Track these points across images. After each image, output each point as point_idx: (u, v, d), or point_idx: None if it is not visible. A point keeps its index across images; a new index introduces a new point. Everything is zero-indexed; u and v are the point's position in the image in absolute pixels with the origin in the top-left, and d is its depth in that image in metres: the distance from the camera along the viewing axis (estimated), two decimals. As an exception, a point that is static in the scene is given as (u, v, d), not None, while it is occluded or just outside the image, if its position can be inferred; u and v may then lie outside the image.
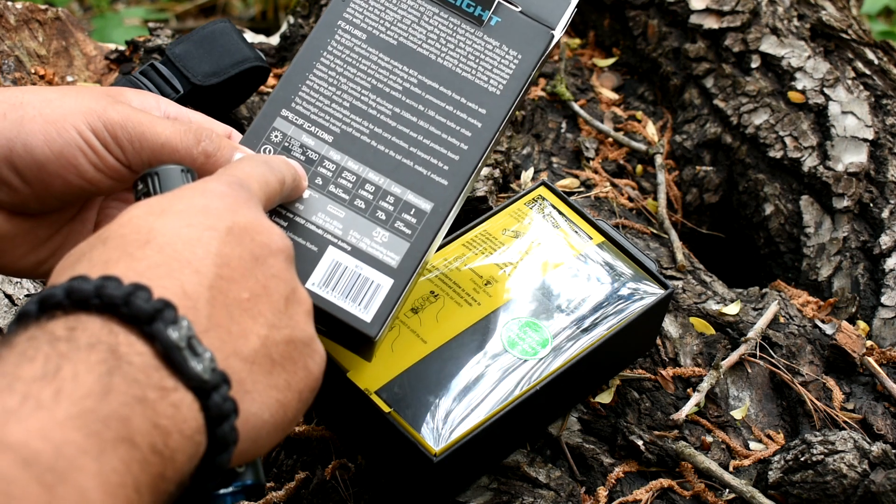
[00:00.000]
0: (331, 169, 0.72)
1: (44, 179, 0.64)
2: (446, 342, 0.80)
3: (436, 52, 0.75)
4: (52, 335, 0.45)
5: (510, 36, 0.76)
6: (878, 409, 0.93)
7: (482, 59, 0.75)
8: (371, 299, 0.69)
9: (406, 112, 0.74)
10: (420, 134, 0.73)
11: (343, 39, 0.75)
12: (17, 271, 0.70)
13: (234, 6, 2.19)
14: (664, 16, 1.24)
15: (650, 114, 1.23)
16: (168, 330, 0.47)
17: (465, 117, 0.74)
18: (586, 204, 1.08)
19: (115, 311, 0.47)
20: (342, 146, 0.72)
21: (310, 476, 0.85)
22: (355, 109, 0.73)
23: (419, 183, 0.72)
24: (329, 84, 0.74)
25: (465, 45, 0.75)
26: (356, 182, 0.72)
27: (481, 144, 0.73)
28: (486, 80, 0.75)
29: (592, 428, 0.89)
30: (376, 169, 0.72)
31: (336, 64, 0.74)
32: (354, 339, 0.70)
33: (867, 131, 1.14)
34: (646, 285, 0.85)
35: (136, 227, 0.52)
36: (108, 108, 0.65)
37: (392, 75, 0.74)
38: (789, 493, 0.84)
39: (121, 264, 0.50)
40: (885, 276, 1.05)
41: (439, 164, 0.73)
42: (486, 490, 0.83)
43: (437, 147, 0.73)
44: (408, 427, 0.75)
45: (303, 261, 0.69)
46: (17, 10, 1.13)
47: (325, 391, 0.82)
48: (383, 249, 0.70)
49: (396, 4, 0.76)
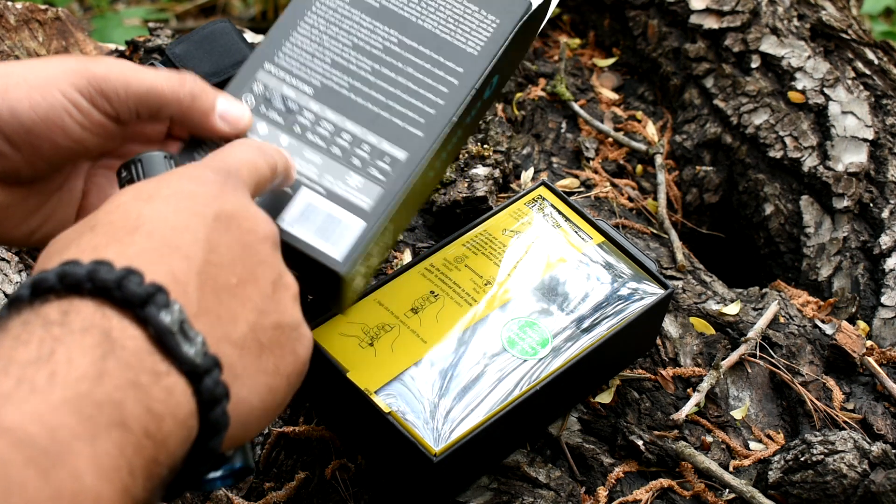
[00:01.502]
0: (310, 119, 0.74)
1: (32, 143, 0.66)
2: (446, 342, 0.80)
3: (416, 15, 0.78)
4: (45, 319, 0.46)
5: (490, 2, 0.79)
6: (878, 409, 0.93)
7: (461, 22, 0.78)
8: (341, 238, 0.71)
9: (385, 68, 0.76)
10: (398, 88, 0.76)
11: (327, 1, 0.78)
12: (9, 241, 0.72)
13: (234, 6, 2.19)
14: (664, 16, 1.24)
15: (650, 114, 1.23)
16: (160, 314, 0.47)
17: (443, 74, 0.76)
18: (586, 204, 1.08)
19: (108, 295, 0.47)
20: (322, 98, 0.75)
21: (310, 476, 0.85)
22: (336, 65, 0.76)
23: (395, 133, 0.74)
24: (311, 40, 0.77)
25: (445, 9, 0.78)
26: (334, 131, 0.74)
27: (456, 100, 0.76)
28: (465, 41, 0.77)
29: (592, 428, 0.89)
30: (354, 119, 0.75)
31: (319, 23, 0.77)
32: (325, 281, 0.71)
33: (867, 131, 1.14)
34: (646, 285, 0.85)
35: (124, 213, 0.53)
36: (89, 65, 0.67)
37: (373, 34, 0.77)
38: (789, 493, 0.84)
39: (111, 249, 0.50)
40: (885, 276, 1.05)
41: (415, 116, 0.75)
42: (486, 490, 0.83)
43: (414, 101, 0.75)
44: (408, 427, 0.75)
45: (277, 201, 0.71)
46: (17, 10, 1.13)
47: (326, 391, 0.82)
48: (356, 193, 0.72)
49: None
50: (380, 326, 0.81)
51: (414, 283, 0.83)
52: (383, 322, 0.81)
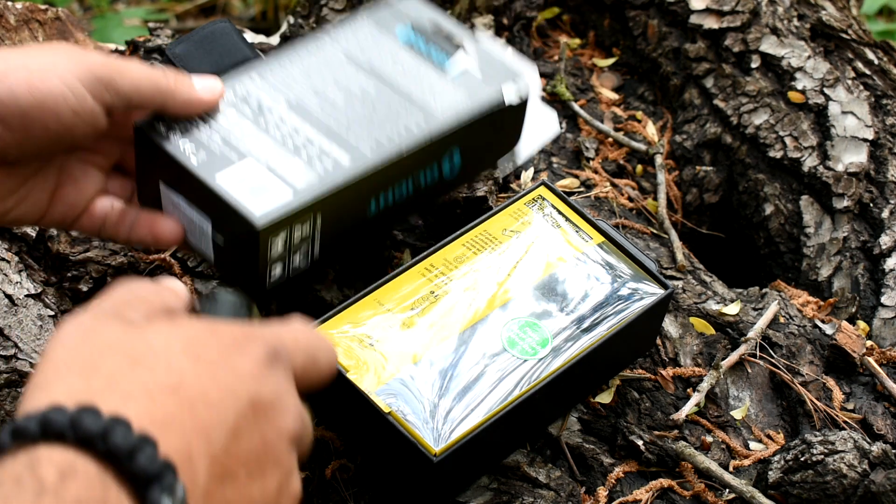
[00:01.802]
0: (275, 118, 0.82)
1: (25, 126, 0.69)
2: (446, 342, 0.80)
3: (399, 73, 0.86)
4: (41, 482, 0.41)
5: (465, 88, 0.87)
6: (878, 409, 0.93)
7: (435, 89, 0.86)
8: (266, 200, 0.76)
9: (355, 101, 0.84)
10: (361, 117, 0.83)
11: (325, 48, 0.87)
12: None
13: (234, 6, 2.19)
14: (664, 16, 1.24)
15: (650, 114, 1.23)
16: (163, 498, 0.43)
17: (404, 120, 0.84)
18: (586, 204, 1.08)
19: (116, 462, 0.43)
20: (292, 107, 0.83)
21: (310, 476, 0.85)
22: (314, 89, 0.84)
23: (346, 144, 0.81)
24: (300, 68, 0.85)
25: (424, 78, 0.86)
26: (293, 130, 0.82)
27: (410, 138, 0.82)
28: (433, 101, 0.85)
29: (592, 428, 0.89)
30: (314, 126, 0.82)
31: (311, 60, 0.86)
32: (243, 244, 0.77)
33: (867, 131, 1.14)
34: (646, 285, 0.85)
35: (168, 367, 0.48)
36: (88, 54, 0.71)
37: (354, 78, 0.86)
38: (789, 493, 0.84)
39: (139, 404, 0.46)
40: (885, 276, 1.05)
41: (368, 139, 0.82)
42: (486, 490, 0.83)
43: (371, 130, 0.83)
44: (408, 427, 0.75)
45: (219, 163, 0.77)
46: (17, 10, 1.13)
47: (326, 391, 0.82)
48: (293, 173, 0.78)
49: (377, 42, 0.88)
50: (380, 326, 0.81)
51: (414, 283, 0.83)
52: (383, 322, 0.81)
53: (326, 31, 0.89)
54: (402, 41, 0.89)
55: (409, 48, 0.88)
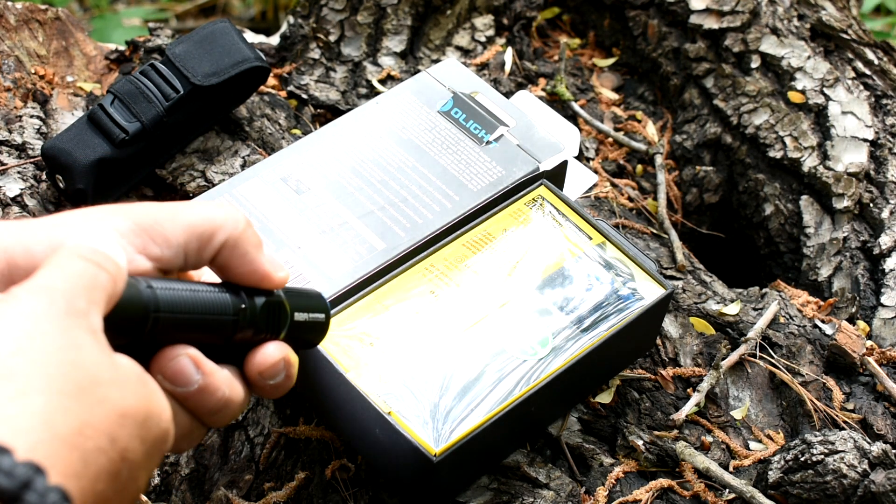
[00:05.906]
0: (314, 199, 0.87)
1: None
2: (446, 342, 0.80)
3: (435, 151, 0.91)
4: None
5: (502, 157, 0.91)
6: (878, 409, 0.93)
7: (471, 165, 0.90)
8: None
9: (393, 182, 0.88)
10: (397, 197, 0.87)
11: (365, 124, 0.92)
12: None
13: (234, 6, 2.19)
14: (664, 16, 1.24)
15: (650, 114, 1.23)
16: None
17: (439, 197, 0.88)
18: (586, 204, 1.08)
19: None
20: (331, 188, 0.88)
21: (310, 476, 0.85)
22: (352, 169, 0.89)
23: (380, 229, 0.86)
24: (339, 147, 0.90)
25: (461, 152, 0.91)
26: (331, 213, 0.86)
27: (445, 218, 0.87)
28: (469, 179, 0.89)
29: (592, 428, 0.89)
30: (350, 209, 0.86)
31: (351, 137, 0.91)
32: None
33: (867, 131, 1.14)
34: (646, 285, 0.85)
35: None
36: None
37: (393, 156, 0.90)
38: (789, 493, 0.84)
39: None
40: (885, 276, 1.05)
41: (404, 221, 0.86)
42: (486, 490, 0.83)
43: (407, 210, 0.87)
44: (407, 427, 0.75)
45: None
46: (17, 10, 1.13)
47: (326, 391, 0.82)
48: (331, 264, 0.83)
49: (416, 113, 0.93)
50: (379, 326, 0.81)
51: (414, 283, 0.83)
52: (383, 322, 0.81)
53: (365, 107, 0.94)
54: (440, 111, 0.94)
55: (447, 118, 0.93)
